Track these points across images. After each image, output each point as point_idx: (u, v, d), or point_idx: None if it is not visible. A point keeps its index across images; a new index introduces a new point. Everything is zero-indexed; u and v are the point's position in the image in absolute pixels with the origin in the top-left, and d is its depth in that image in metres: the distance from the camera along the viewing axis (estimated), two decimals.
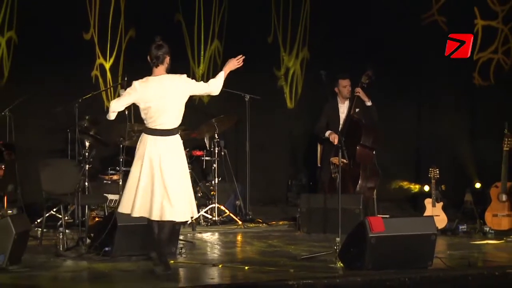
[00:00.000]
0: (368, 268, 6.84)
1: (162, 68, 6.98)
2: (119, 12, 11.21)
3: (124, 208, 6.94)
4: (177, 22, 11.50)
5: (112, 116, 7.04)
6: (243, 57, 7.22)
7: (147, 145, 6.90)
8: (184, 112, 7.06)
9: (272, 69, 12.17)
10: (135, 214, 6.87)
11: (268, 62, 12.05)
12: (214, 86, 7.13)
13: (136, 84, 6.95)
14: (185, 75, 7.07)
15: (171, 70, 7.06)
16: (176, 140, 6.99)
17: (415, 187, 11.86)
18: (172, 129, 6.95)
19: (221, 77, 7.15)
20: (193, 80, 7.14)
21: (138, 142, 7.02)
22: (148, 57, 7.00)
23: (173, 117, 6.96)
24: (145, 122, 7.00)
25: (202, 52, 11.72)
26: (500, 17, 11.37)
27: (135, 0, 11.22)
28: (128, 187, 6.95)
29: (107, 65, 11.18)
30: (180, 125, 7.13)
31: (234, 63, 7.21)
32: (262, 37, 12.00)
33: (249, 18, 11.75)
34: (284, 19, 12.14)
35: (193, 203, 7.05)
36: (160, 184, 6.82)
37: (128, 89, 6.99)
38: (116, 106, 6.99)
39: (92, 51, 11.06)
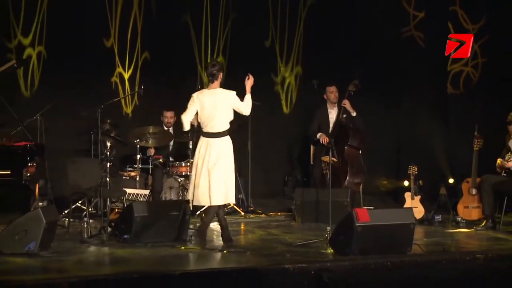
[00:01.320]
0: (355, 253, 6.85)
1: (217, 83, 7.53)
2: (136, 31, 11.16)
3: (196, 200, 7.52)
4: (188, 35, 11.45)
5: (186, 126, 7.58)
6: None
7: (202, 146, 7.44)
8: None
9: (270, 75, 12.15)
10: (207, 203, 7.51)
11: (267, 72, 12.02)
12: (245, 108, 7.58)
13: (194, 95, 7.54)
14: (234, 92, 7.55)
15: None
16: (225, 141, 7.46)
17: (394, 183, 11.85)
18: (221, 132, 7.43)
19: (248, 99, 7.58)
20: (239, 99, 7.56)
21: (199, 143, 7.52)
22: (206, 74, 7.57)
23: (222, 122, 7.45)
24: (201, 126, 7.51)
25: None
26: None
27: (150, 24, 11.18)
28: (196, 182, 7.45)
29: (126, 76, 11.16)
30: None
31: (250, 81, 7.62)
32: (261, 49, 11.98)
33: (250, 37, 11.72)
34: (281, 40, 12.13)
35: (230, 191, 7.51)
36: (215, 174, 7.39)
37: (189, 101, 7.52)
38: (186, 118, 7.53)
39: (112, 58, 11.02)
